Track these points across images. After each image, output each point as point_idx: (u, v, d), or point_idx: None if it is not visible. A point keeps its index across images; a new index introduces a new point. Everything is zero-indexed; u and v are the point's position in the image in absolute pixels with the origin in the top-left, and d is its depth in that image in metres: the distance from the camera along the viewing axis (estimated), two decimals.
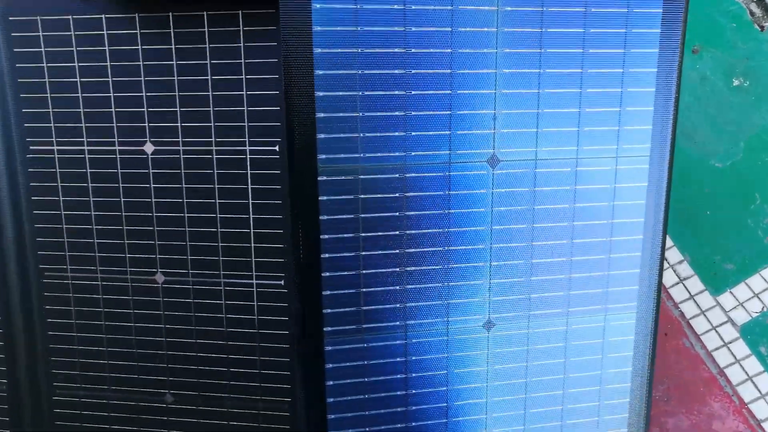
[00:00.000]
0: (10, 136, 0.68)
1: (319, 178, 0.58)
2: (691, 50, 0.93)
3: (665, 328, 0.91)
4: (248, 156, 0.65)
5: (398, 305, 0.62)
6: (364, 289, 0.61)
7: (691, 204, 0.92)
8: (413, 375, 0.63)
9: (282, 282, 0.68)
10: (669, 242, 0.92)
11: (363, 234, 0.60)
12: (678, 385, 0.91)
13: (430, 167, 0.60)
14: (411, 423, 0.64)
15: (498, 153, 0.61)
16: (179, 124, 0.66)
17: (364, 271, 0.61)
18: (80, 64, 0.65)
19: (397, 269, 0.62)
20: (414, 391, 0.64)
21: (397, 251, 0.61)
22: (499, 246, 0.63)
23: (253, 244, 0.67)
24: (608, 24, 0.59)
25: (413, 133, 0.59)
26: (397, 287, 0.62)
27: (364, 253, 0.61)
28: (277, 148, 0.64)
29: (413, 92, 0.58)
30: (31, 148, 0.67)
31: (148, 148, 0.66)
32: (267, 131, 0.64)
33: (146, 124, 0.66)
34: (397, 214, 0.60)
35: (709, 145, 0.93)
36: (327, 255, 0.60)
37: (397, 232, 0.61)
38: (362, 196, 0.59)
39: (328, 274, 0.60)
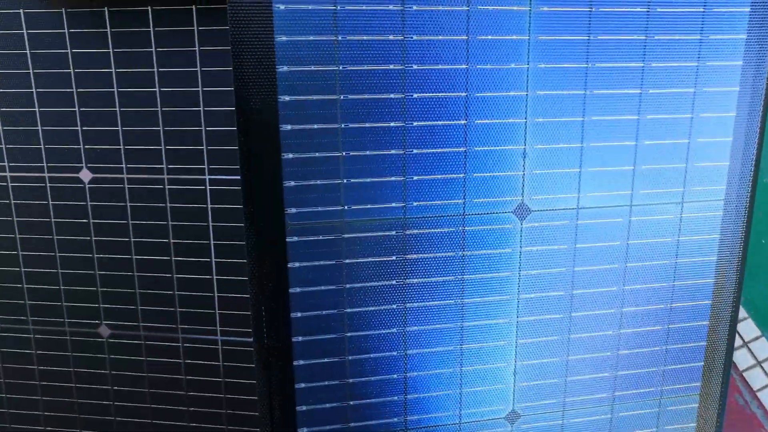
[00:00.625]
0: None
1: (288, 239, 0.43)
2: None
3: None
4: (208, 186, 0.54)
5: (396, 398, 0.47)
6: (350, 380, 0.47)
7: None
8: None
9: (252, 339, 0.53)
10: None
11: (349, 310, 0.45)
12: None
13: (439, 221, 0.45)
14: None
15: (528, 201, 0.46)
16: (122, 147, 0.54)
17: (350, 357, 0.46)
18: None
19: (395, 353, 0.47)
20: None
21: (395, 330, 0.46)
22: (528, 319, 0.48)
23: (216, 294, 0.56)
24: (677, 29, 0.44)
25: (415, 178, 0.44)
26: (395, 375, 0.47)
27: (350, 334, 0.46)
28: None
29: (415, 123, 0.43)
30: None
31: (85, 175, 0.55)
32: (232, 156, 0.52)
33: (81, 147, 0.54)
34: (395, 282, 0.45)
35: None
36: (300, 338, 0.45)
37: (395, 306, 0.46)
38: (347, 260, 0.44)
39: (302, 362, 0.45)
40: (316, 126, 0.42)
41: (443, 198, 0.44)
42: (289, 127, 0.41)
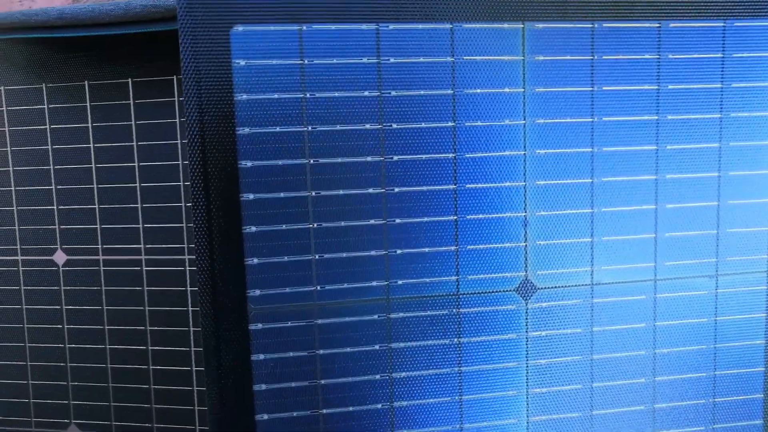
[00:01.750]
0: None
1: (251, 327, 0.37)
2: None
3: None
4: (187, 267, 0.48)
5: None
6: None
7: None
8: None
9: None
10: None
11: (325, 411, 0.38)
12: None
13: (428, 303, 0.38)
14: None
15: (533, 276, 0.39)
16: (98, 226, 0.50)
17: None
18: None
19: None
20: None
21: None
22: (539, 419, 0.40)
23: (195, 387, 0.50)
24: (698, 46, 0.38)
25: (398, 251, 0.37)
26: None
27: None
28: None
29: (396, 189, 0.37)
30: None
31: (59, 257, 0.50)
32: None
33: (56, 227, 0.50)
34: (378, 377, 0.38)
35: None
36: None
37: (380, 406, 0.38)
38: (321, 351, 0.37)
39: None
40: (282, 194, 0.36)
41: (433, 275, 0.38)
42: (251, 196, 0.36)
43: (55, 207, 0.51)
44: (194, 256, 0.46)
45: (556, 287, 0.39)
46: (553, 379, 0.40)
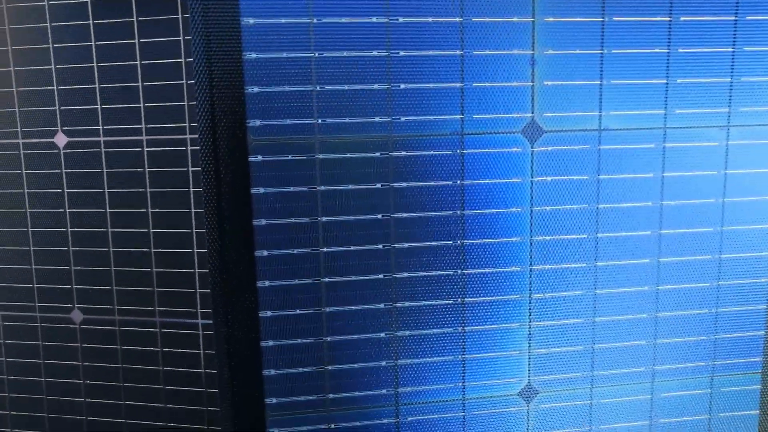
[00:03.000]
0: None
1: (251, 158, 0.36)
2: None
3: None
4: (189, 147, 0.47)
5: (384, 363, 0.39)
6: (328, 338, 0.38)
7: None
8: None
9: None
10: None
11: (324, 249, 0.37)
12: None
13: (431, 141, 0.37)
14: None
15: (539, 118, 0.38)
16: (98, 106, 0.48)
17: (328, 309, 0.38)
18: None
19: (382, 305, 0.39)
20: None
21: (381, 276, 0.38)
22: (542, 268, 0.39)
23: (197, 270, 0.48)
24: None
25: (402, 86, 0.36)
26: (383, 334, 0.39)
27: (327, 279, 0.38)
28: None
29: (401, 19, 0.36)
30: None
31: (60, 139, 0.49)
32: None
33: (56, 108, 0.49)
34: (380, 216, 0.38)
35: None
36: (268, 283, 0.37)
37: (381, 246, 0.38)
38: (322, 188, 0.37)
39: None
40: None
41: (436, 112, 0.37)
42: (251, 20, 0.35)
43: (55, 87, 0.51)
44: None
45: (563, 131, 0.38)
46: (557, 227, 0.39)
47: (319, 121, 0.36)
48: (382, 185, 0.37)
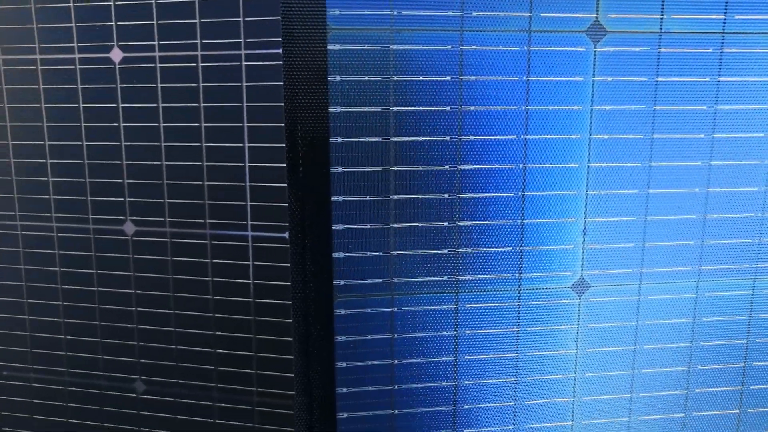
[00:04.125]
0: None
1: (330, 47, 0.38)
2: None
3: None
4: (243, 63, 0.47)
5: (446, 250, 0.41)
6: (395, 224, 0.41)
7: None
8: (463, 352, 0.42)
9: (286, 235, 0.48)
10: None
11: (395, 139, 0.40)
12: None
13: (498, 37, 0.39)
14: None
15: (603, 19, 0.40)
16: (155, 22, 0.49)
17: (395, 197, 0.40)
18: None
19: (446, 195, 0.41)
20: (465, 382, 0.42)
21: (447, 167, 0.40)
22: (599, 166, 0.41)
23: (248, 183, 0.49)
24: None
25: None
26: (446, 223, 0.41)
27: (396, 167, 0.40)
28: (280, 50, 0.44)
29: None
30: None
31: (116, 54, 0.50)
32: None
33: (113, 23, 0.49)
34: (449, 108, 0.40)
35: None
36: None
37: (448, 138, 0.40)
38: (396, 78, 0.39)
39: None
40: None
41: (503, 8, 0.39)
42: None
43: (111, 2, 0.52)
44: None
45: (624, 32, 0.40)
46: (616, 126, 0.41)
47: (395, 12, 0.38)
48: (452, 77, 0.39)
